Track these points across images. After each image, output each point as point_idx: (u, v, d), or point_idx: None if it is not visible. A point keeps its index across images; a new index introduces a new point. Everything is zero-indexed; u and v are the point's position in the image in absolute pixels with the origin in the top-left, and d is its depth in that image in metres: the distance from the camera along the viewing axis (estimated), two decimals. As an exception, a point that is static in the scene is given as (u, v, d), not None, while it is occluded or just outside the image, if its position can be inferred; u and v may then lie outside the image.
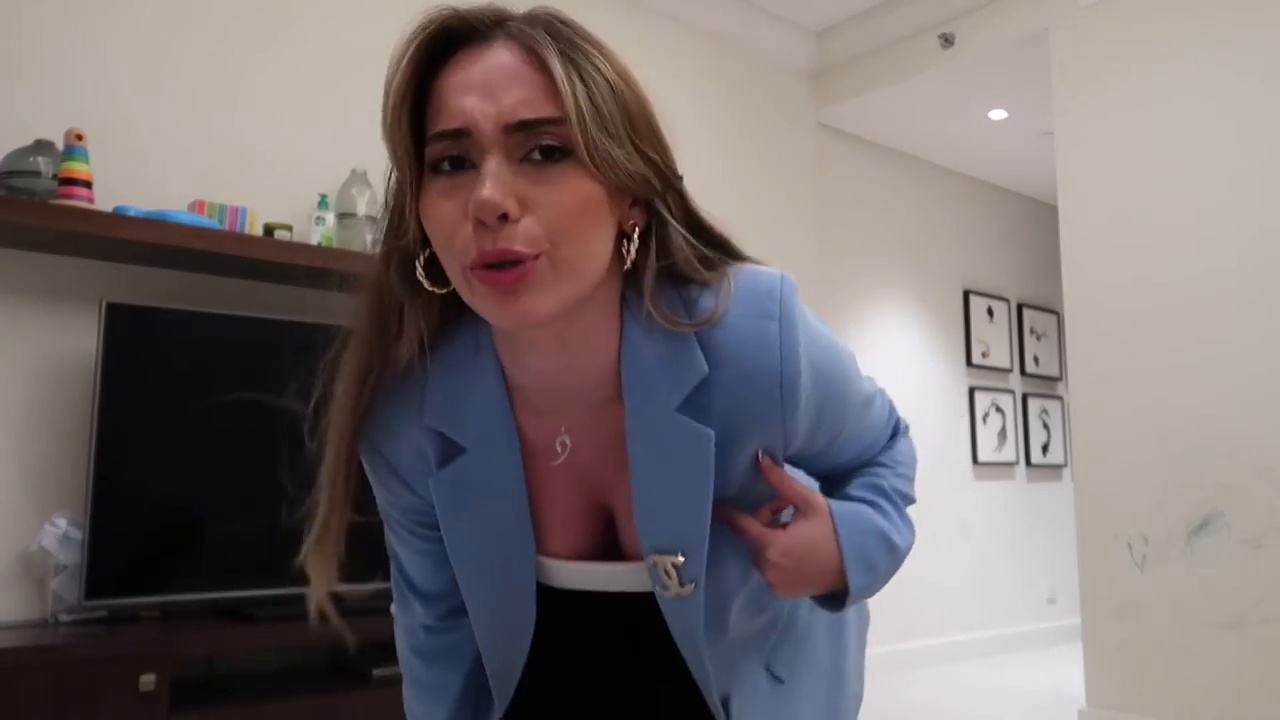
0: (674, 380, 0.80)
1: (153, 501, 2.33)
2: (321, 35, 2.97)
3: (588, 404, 0.84)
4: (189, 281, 2.62)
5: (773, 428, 0.83)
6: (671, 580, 0.85)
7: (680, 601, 0.86)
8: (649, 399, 0.81)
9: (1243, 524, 2.94)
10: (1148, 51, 3.30)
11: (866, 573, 0.90)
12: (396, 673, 2.40)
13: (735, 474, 0.85)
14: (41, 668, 1.94)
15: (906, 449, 1.02)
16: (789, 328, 0.80)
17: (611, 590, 0.93)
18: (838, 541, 0.88)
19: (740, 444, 0.83)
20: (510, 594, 0.91)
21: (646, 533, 0.85)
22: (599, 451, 0.86)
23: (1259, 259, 2.99)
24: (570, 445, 0.86)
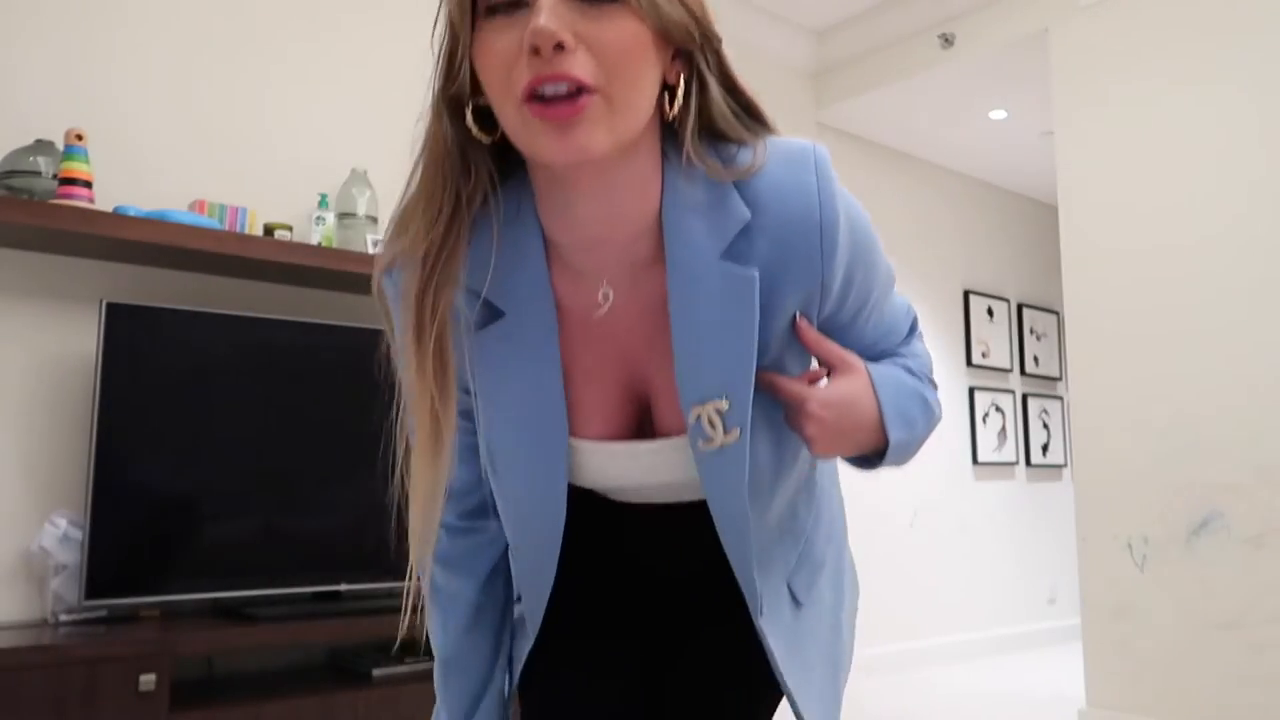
0: (716, 228, 0.81)
1: (153, 501, 2.33)
2: (322, 35, 2.97)
3: (628, 262, 0.85)
4: (189, 281, 2.62)
5: (811, 277, 0.84)
6: (715, 430, 0.84)
7: (722, 456, 0.85)
8: (692, 248, 0.81)
9: (1243, 524, 2.94)
10: (1147, 51, 3.30)
11: (905, 428, 0.91)
12: (396, 673, 2.41)
13: (774, 335, 0.85)
14: (41, 668, 1.94)
15: (922, 349, 1.05)
16: (826, 179, 0.82)
17: (645, 483, 0.92)
18: (876, 397, 0.89)
19: (780, 295, 0.83)
20: (542, 477, 0.90)
21: (687, 383, 0.84)
22: (639, 318, 0.86)
23: (1259, 259, 3.00)
24: (612, 300, 0.85)
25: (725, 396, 0.84)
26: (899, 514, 4.74)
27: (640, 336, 0.87)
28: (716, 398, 0.84)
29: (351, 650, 2.61)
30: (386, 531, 2.66)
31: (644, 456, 0.91)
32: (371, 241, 2.77)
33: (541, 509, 0.92)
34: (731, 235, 0.81)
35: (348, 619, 2.40)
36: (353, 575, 2.57)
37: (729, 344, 0.83)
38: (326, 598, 2.54)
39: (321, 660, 2.65)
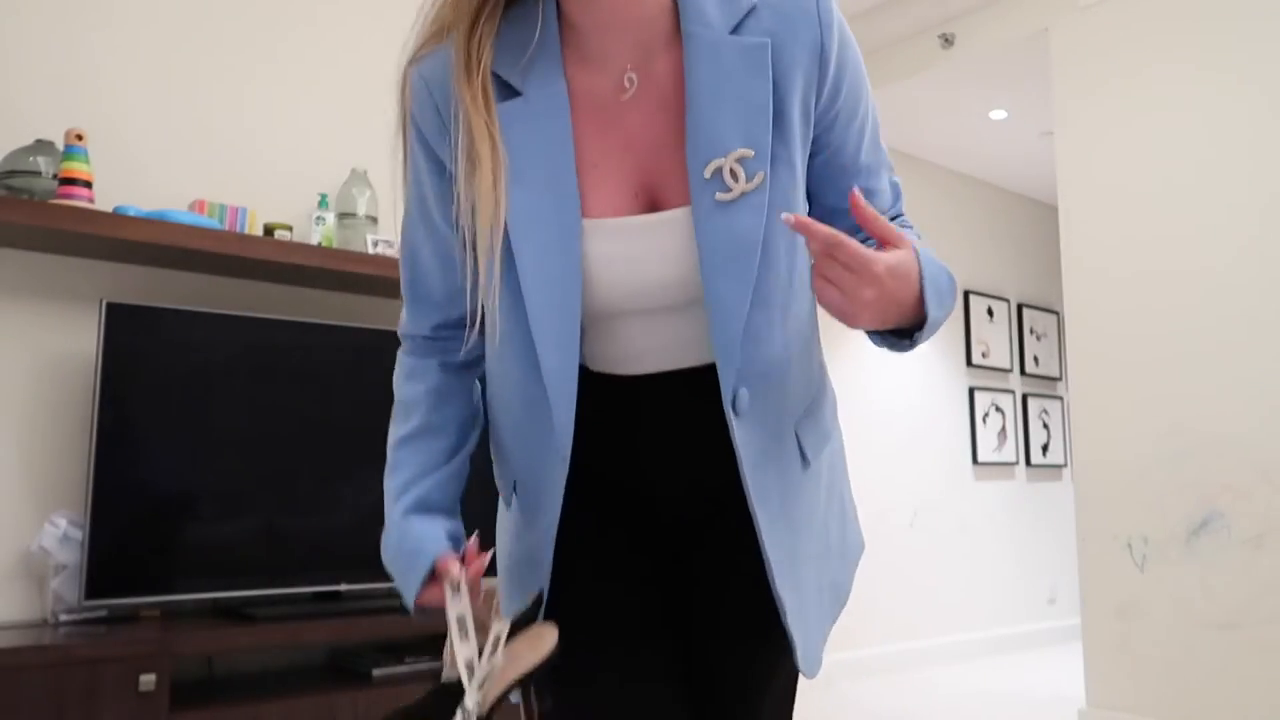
0: (727, 8, 0.90)
1: (153, 501, 2.33)
2: (322, 36, 2.97)
3: (643, 45, 0.91)
4: (189, 281, 2.62)
5: (812, 49, 0.90)
6: (738, 179, 0.87)
7: (738, 209, 0.88)
8: (705, 24, 0.89)
9: (1243, 524, 2.95)
10: (1148, 51, 3.30)
11: (939, 307, 0.90)
12: (396, 673, 2.41)
13: (789, 106, 0.90)
14: (41, 668, 1.94)
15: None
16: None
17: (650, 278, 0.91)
18: (921, 272, 0.87)
19: (788, 66, 0.90)
20: (558, 256, 0.90)
21: (702, 141, 0.88)
22: (654, 106, 0.92)
23: (1259, 258, 3.00)
24: (638, 84, 0.91)
25: (748, 146, 0.88)
26: (899, 514, 4.74)
27: (655, 124, 0.92)
28: (737, 148, 0.88)
29: (351, 650, 2.61)
30: (386, 531, 2.66)
31: (654, 230, 0.91)
32: (371, 241, 2.77)
33: (558, 298, 0.90)
34: (741, 15, 0.89)
35: (348, 619, 2.40)
36: (353, 575, 2.57)
37: (747, 102, 0.88)
38: (326, 598, 2.54)
39: (321, 660, 2.65)
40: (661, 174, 0.92)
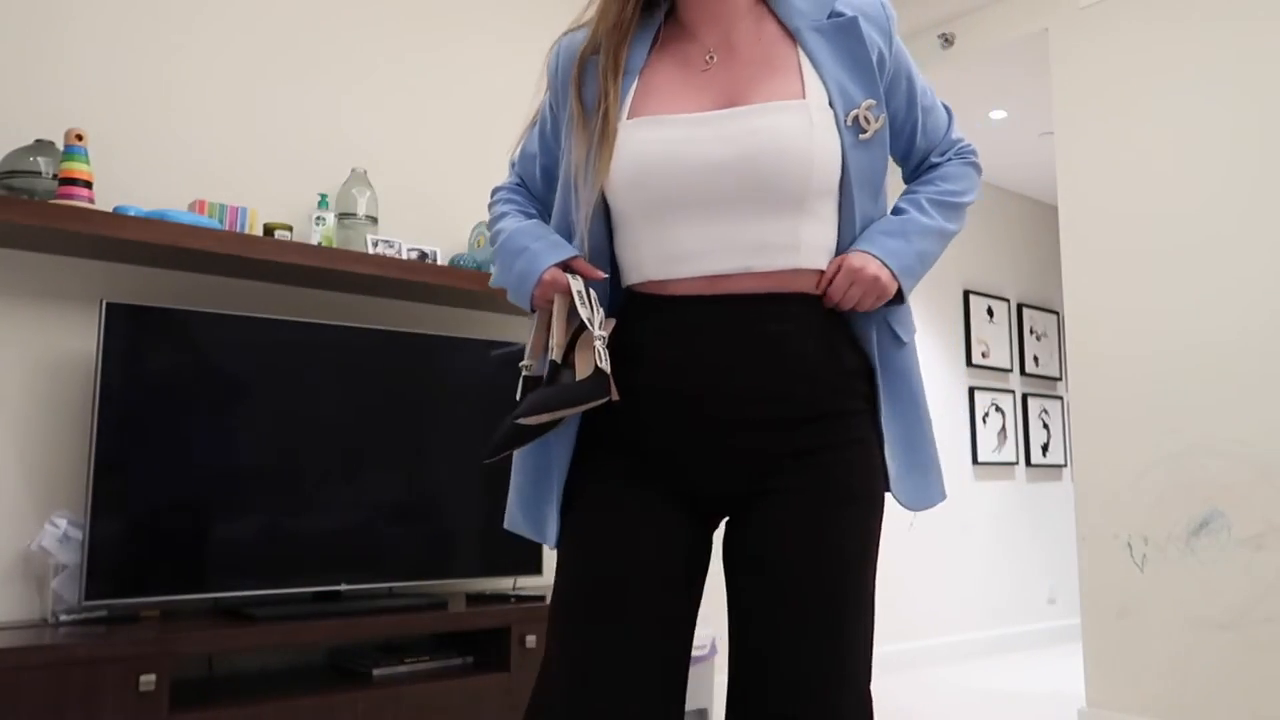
0: (817, 6, 1.18)
1: (153, 501, 2.33)
2: (322, 36, 2.97)
3: (740, 29, 1.19)
4: (189, 281, 2.62)
5: (883, 35, 1.19)
6: (870, 122, 1.15)
7: (871, 144, 1.15)
8: (799, 12, 1.18)
9: (1243, 524, 2.94)
10: (1148, 51, 3.30)
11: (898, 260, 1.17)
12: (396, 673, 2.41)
13: (878, 79, 1.17)
14: (41, 668, 1.94)
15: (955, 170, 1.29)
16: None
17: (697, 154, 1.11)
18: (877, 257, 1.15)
19: (868, 36, 1.17)
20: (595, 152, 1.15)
21: (839, 98, 1.13)
22: (750, 59, 1.17)
23: (1259, 258, 3.00)
24: (718, 59, 1.18)
25: (871, 96, 1.15)
26: (899, 514, 4.74)
27: (742, 72, 1.16)
28: (867, 99, 1.15)
29: (351, 650, 2.61)
30: (386, 532, 2.66)
31: (710, 122, 1.12)
32: (371, 241, 2.77)
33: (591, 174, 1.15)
34: (829, 8, 1.18)
35: (348, 619, 2.40)
36: (353, 575, 2.57)
37: (859, 62, 1.16)
38: (326, 598, 2.54)
39: (321, 660, 2.65)
40: (739, 96, 1.14)
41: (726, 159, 1.09)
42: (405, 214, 3.04)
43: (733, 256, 1.10)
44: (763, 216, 1.10)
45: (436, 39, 3.22)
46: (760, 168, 1.08)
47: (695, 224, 1.10)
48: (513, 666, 2.56)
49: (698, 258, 1.11)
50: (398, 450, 2.70)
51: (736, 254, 1.10)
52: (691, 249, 1.11)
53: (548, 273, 1.14)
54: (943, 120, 1.31)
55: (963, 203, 1.27)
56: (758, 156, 1.08)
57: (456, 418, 2.84)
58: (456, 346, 2.85)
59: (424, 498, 2.74)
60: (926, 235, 1.21)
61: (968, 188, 1.28)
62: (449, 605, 2.63)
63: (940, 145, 1.30)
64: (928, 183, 1.27)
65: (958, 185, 1.27)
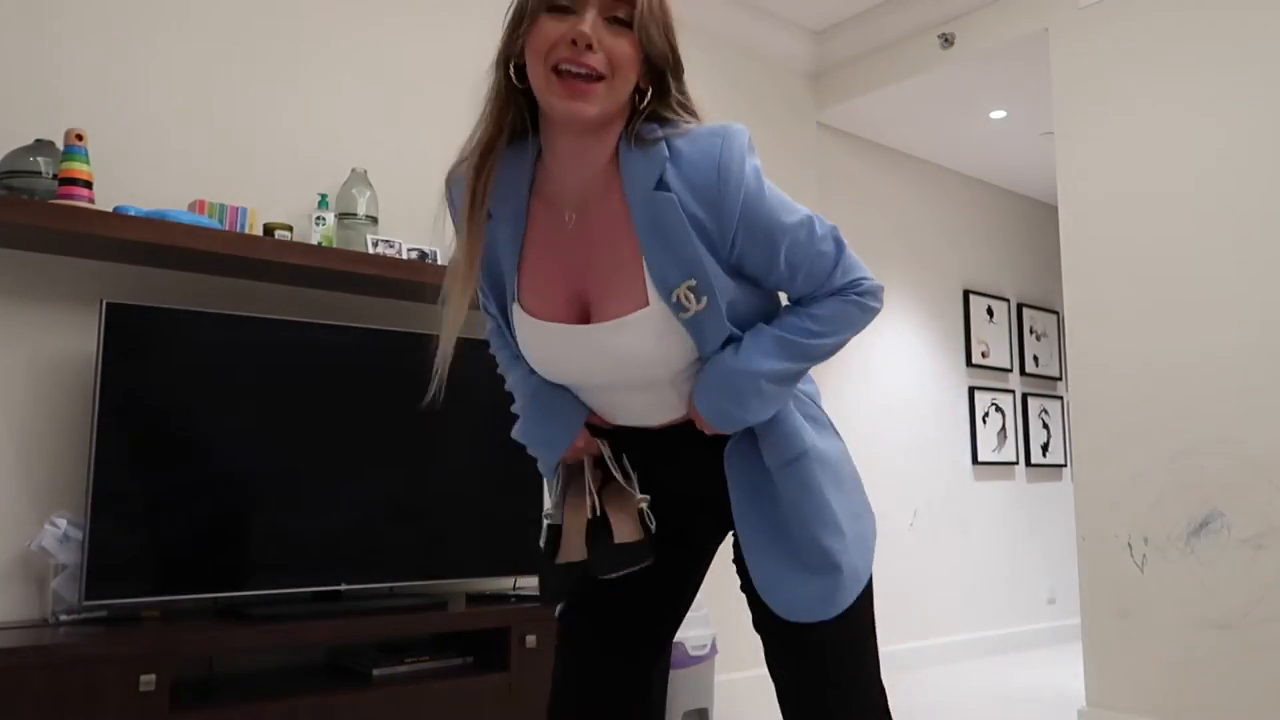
0: (650, 169, 1.16)
1: (153, 501, 2.33)
2: (321, 36, 2.97)
3: (586, 192, 1.20)
4: (189, 281, 2.62)
5: (712, 206, 1.15)
6: (691, 302, 1.16)
7: (703, 319, 1.18)
8: (636, 183, 1.17)
9: (1243, 524, 2.94)
10: (1148, 51, 3.30)
11: (703, 398, 1.22)
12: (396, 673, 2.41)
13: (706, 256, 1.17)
14: (41, 668, 1.94)
15: (824, 310, 1.26)
16: (729, 138, 1.16)
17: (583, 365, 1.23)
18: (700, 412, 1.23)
19: (694, 212, 1.16)
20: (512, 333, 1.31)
21: (658, 276, 1.17)
22: (590, 238, 1.20)
23: (1259, 258, 3.00)
24: (574, 222, 1.21)
25: (691, 276, 1.16)
26: (899, 514, 4.74)
27: (588, 255, 1.21)
28: (685, 280, 1.16)
29: (351, 650, 2.61)
30: (386, 531, 2.66)
31: (572, 335, 1.22)
32: (371, 241, 2.77)
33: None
34: (658, 173, 1.16)
35: (348, 619, 2.40)
36: (353, 575, 2.57)
37: (675, 245, 1.16)
38: (326, 598, 2.54)
39: (321, 660, 2.65)
40: (590, 293, 1.21)
41: (600, 365, 1.22)
42: (405, 214, 3.04)
43: (633, 417, 1.29)
44: (647, 395, 1.25)
45: (437, 38, 3.22)
46: (627, 370, 1.21)
47: (596, 396, 1.29)
48: (513, 666, 2.56)
49: (610, 415, 1.30)
50: (398, 450, 2.70)
51: (634, 416, 1.29)
52: (598, 406, 1.30)
53: (579, 439, 1.30)
54: (823, 266, 1.23)
55: (815, 344, 1.23)
56: (623, 366, 1.21)
57: (456, 418, 2.84)
58: (457, 346, 2.84)
59: (424, 498, 2.74)
60: (742, 379, 1.19)
61: (833, 328, 1.25)
62: (449, 605, 2.63)
63: (825, 289, 1.25)
64: (792, 313, 1.25)
65: (820, 326, 1.24)
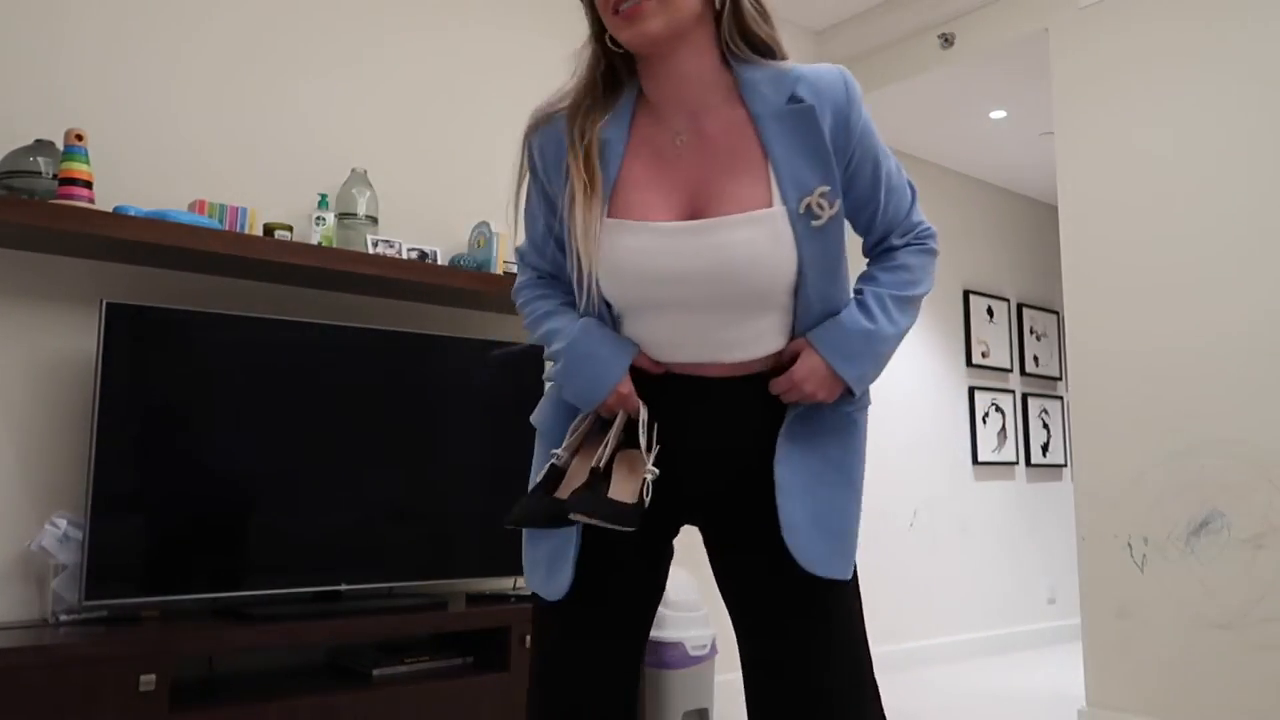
0: (779, 88, 1.21)
1: (153, 501, 2.33)
2: (321, 36, 2.97)
3: (707, 103, 1.23)
4: (189, 281, 2.62)
5: (841, 117, 1.21)
6: (824, 209, 1.19)
7: (825, 231, 1.20)
8: (764, 100, 1.21)
9: (1243, 524, 2.94)
10: (1148, 51, 3.30)
11: (848, 362, 1.23)
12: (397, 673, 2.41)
13: (833, 164, 1.20)
14: (41, 668, 1.94)
15: (915, 260, 1.33)
16: (845, 70, 1.24)
17: (674, 267, 1.18)
18: (821, 356, 1.23)
19: (826, 123, 1.20)
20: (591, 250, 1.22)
21: (789, 184, 1.18)
22: (707, 150, 1.22)
23: (1259, 259, 3.00)
24: (686, 141, 1.23)
25: (825, 183, 1.19)
26: (899, 514, 4.74)
27: (707, 161, 1.22)
28: (820, 186, 1.19)
29: (351, 650, 2.61)
30: (386, 531, 2.66)
31: (677, 234, 1.19)
32: (371, 241, 2.77)
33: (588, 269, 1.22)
34: (789, 91, 1.21)
35: (348, 619, 2.40)
36: (353, 575, 2.57)
37: (810, 153, 1.19)
38: (326, 598, 2.54)
39: (321, 660, 2.65)
40: (703, 198, 1.20)
41: (699, 271, 1.18)
42: (405, 214, 3.04)
43: (703, 351, 1.23)
44: (731, 318, 1.21)
45: (437, 38, 3.22)
46: (730, 280, 1.18)
47: (669, 321, 1.23)
48: (513, 666, 2.56)
49: (672, 349, 1.24)
50: (398, 450, 2.70)
51: (707, 349, 1.23)
52: (665, 341, 1.24)
53: (623, 385, 1.23)
54: (905, 201, 1.33)
55: (919, 295, 1.32)
56: (727, 270, 1.18)
57: (456, 417, 2.84)
58: (456, 346, 2.85)
59: (424, 498, 2.74)
60: (888, 342, 1.26)
61: (924, 277, 1.33)
62: (449, 605, 2.63)
63: (901, 226, 1.33)
64: (890, 270, 1.31)
65: (916, 276, 1.32)
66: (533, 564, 1.29)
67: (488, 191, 3.25)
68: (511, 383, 2.92)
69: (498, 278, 2.93)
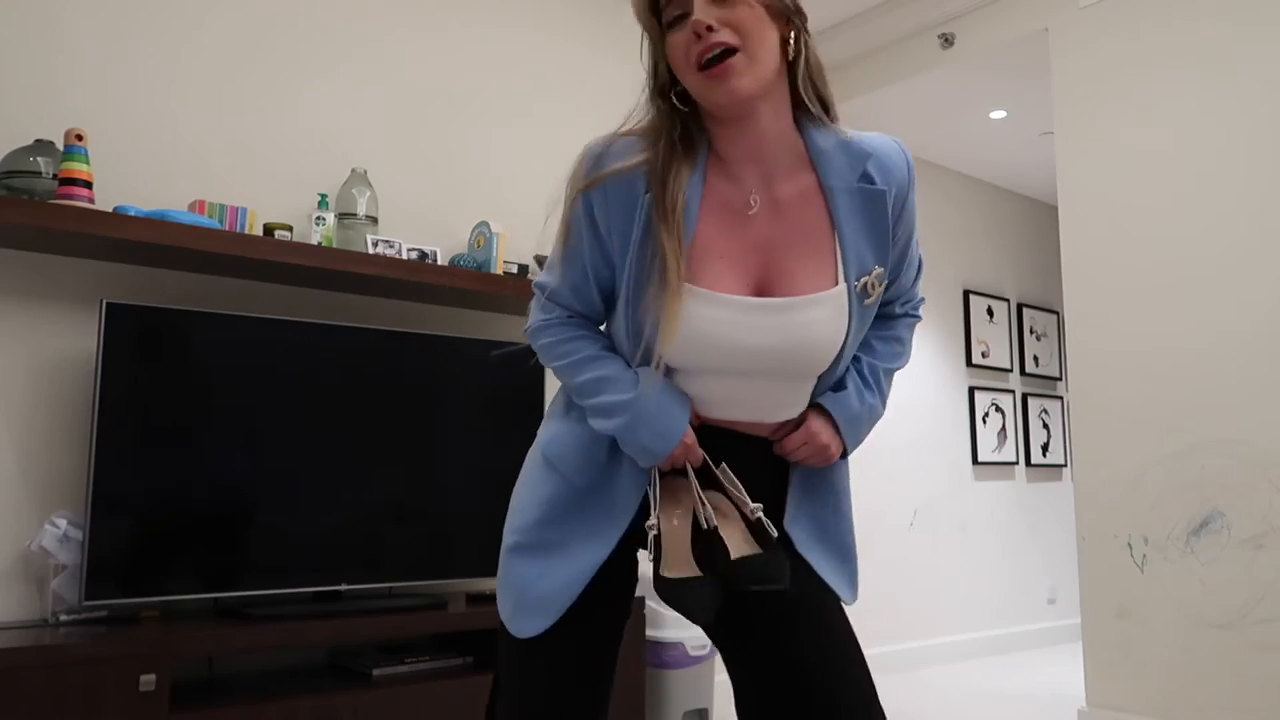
0: (852, 162, 1.24)
1: (153, 501, 2.33)
2: (321, 36, 2.97)
3: (779, 168, 1.24)
4: (189, 281, 2.62)
5: (901, 198, 1.26)
6: (875, 290, 1.25)
7: (868, 310, 1.26)
8: (837, 174, 1.23)
9: (1243, 524, 2.94)
10: (1148, 51, 3.30)
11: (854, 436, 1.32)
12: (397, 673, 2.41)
13: (884, 244, 1.26)
14: (41, 668, 1.94)
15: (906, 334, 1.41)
16: (902, 144, 1.29)
17: (746, 343, 1.20)
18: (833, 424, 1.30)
19: (892, 211, 1.26)
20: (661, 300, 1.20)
21: (853, 262, 1.23)
22: (790, 220, 1.24)
23: (1259, 258, 3.00)
24: (760, 206, 1.24)
25: (881, 265, 1.25)
26: (899, 514, 4.74)
27: (780, 230, 1.24)
28: (876, 268, 1.24)
29: (351, 650, 2.61)
30: (386, 531, 2.66)
31: (755, 311, 1.21)
32: (371, 241, 2.77)
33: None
34: (860, 169, 1.24)
35: (348, 619, 2.40)
36: (353, 575, 2.57)
37: (878, 233, 1.25)
38: (326, 598, 2.54)
39: (321, 660, 2.65)
40: (774, 270, 1.23)
41: (774, 347, 1.21)
42: (405, 214, 3.04)
43: (750, 411, 1.26)
44: (787, 386, 1.25)
45: (437, 38, 3.22)
46: (798, 356, 1.23)
47: (726, 384, 1.24)
48: (513, 666, 2.56)
49: (723, 408, 1.26)
50: (398, 450, 2.70)
51: (753, 410, 1.26)
52: (719, 401, 1.25)
53: (688, 436, 1.23)
54: (914, 273, 1.39)
55: (900, 367, 1.40)
56: (800, 348, 1.22)
57: (456, 417, 2.84)
58: (456, 346, 2.85)
59: (424, 498, 2.74)
60: (876, 414, 1.35)
61: (908, 350, 1.42)
62: (449, 605, 2.63)
63: (905, 295, 1.40)
64: (887, 343, 1.38)
65: (904, 350, 1.41)
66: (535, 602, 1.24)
67: (488, 191, 3.25)
68: (511, 383, 2.92)
69: (498, 278, 2.93)
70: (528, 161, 3.34)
